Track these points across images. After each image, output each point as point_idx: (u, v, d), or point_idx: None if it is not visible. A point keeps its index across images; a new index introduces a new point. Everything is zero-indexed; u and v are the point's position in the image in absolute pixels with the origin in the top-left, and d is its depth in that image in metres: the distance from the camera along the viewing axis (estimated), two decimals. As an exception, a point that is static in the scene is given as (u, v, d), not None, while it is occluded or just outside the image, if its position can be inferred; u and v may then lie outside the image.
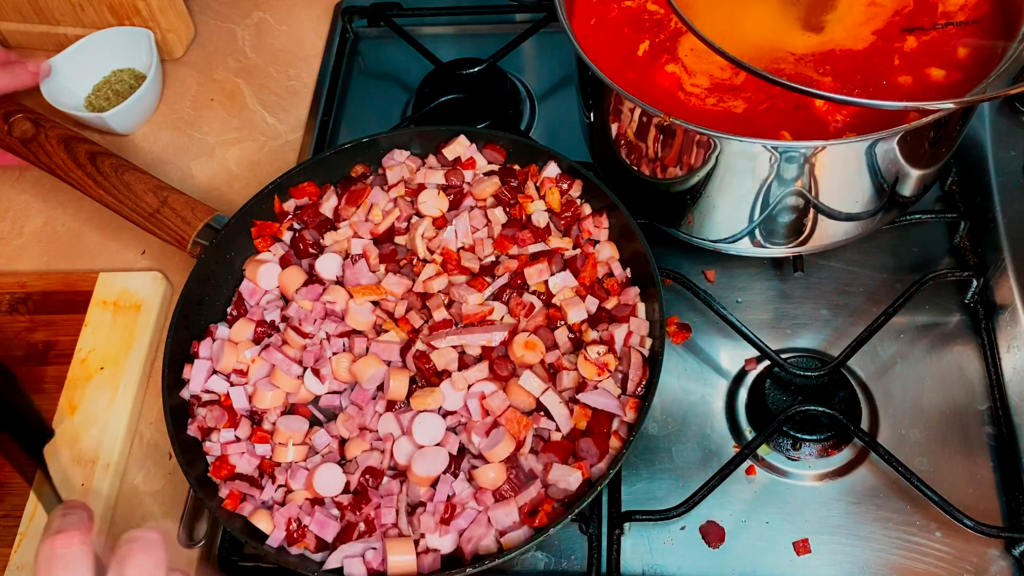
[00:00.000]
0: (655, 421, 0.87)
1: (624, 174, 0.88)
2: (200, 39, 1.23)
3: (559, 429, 0.77)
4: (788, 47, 0.83)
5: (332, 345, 0.83)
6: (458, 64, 1.11)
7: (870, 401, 0.86)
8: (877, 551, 0.79)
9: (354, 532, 0.74)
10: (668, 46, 0.85)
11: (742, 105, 0.81)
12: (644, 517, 0.79)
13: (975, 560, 0.78)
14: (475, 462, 0.77)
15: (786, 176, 0.77)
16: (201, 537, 0.83)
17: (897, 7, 0.84)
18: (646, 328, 0.82)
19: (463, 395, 0.78)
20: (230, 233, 0.89)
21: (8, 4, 1.17)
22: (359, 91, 1.18)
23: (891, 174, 0.79)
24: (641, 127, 0.80)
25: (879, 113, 0.77)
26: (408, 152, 0.95)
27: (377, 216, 0.90)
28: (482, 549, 0.73)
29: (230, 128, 1.15)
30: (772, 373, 0.86)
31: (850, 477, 0.83)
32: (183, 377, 0.83)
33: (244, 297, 0.88)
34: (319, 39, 1.22)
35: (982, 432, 0.84)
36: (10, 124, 0.99)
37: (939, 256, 0.95)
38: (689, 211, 0.86)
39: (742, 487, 0.83)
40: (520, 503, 0.74)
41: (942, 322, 0.91)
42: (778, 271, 0.95)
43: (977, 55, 0.80)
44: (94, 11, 1.15)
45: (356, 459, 0.78)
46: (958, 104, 0.71)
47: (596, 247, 0.87)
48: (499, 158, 0.94)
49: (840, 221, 0.84)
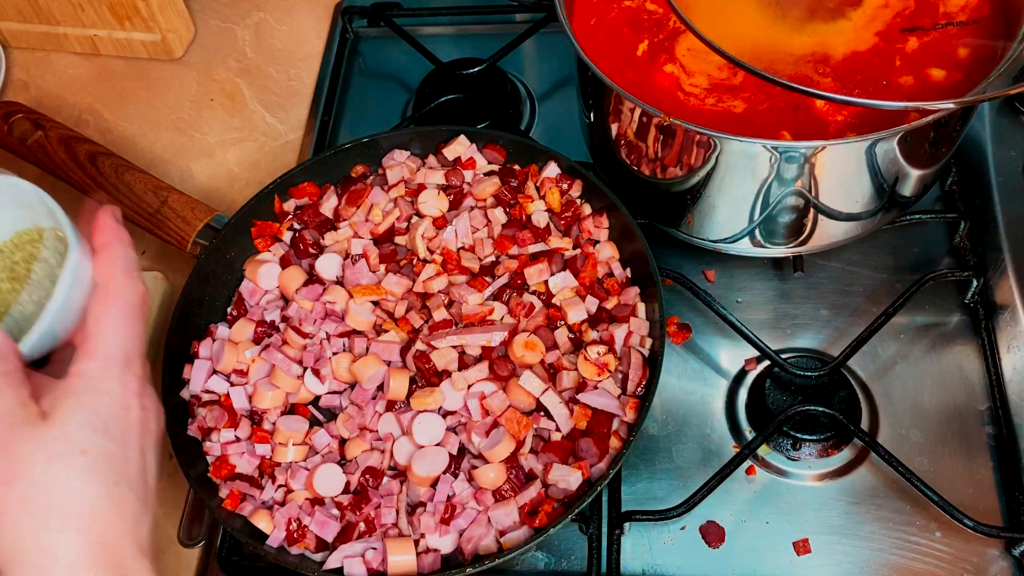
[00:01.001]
0: (655, 421, 0.87)
1: (624, 174, 0.88)
2: (200, 39, 1.23)
3: (559, 429, 0.77)
4: (788, 47, 0.83)
5: (332, 345, 0.83)
6: (458, 64, 1.11)
7: (870, 401, 0.86)
8: (877, 551, 0.79)
9: (354, 532, 0.74)
10: (666, 46, 0.85)
11: (742, 105, 0.81)
12: (644, 517, 0.79)
13: (975, 560, 0.78)
14: (475, 462, 0.77)
15: (786, 176, 0.77)
16: (201, 537, 0.83)
17: (898, 8, 0.84)
18: (646, 328, 0.82)
19: (463, 395, 0.78)
20: (230, 233, 0.89)
21: (8, 4, 1.17)
22: (359, 91, 1.18)
23: (891, 174, 0.79)
24: (641, 127, 0.80)
25: (879, 113, 0.77)
26: (408, 152, 0.95)
27: (377, 216, 0.90)
28: (482, 549, 0.73)
29: (230, 128, 1.15)
30: (772, 373, 0.86)
31: (850, 477, 0.83)
32: (183, 377, 0.83)
33: (244, 297, 0.88)
34: (319, 39, 1.22)
35: (982, 432, 0.84)
36: (10, 124, 0.99)
37: (939, 256, 0.95)
38: (689, 211, 0.86)
39: (742, 487, 0.83)
40: (520, 503, 0.74)
41: (942, 322, 0.91)
42: (778, 271, 0.95)
43: (977, 55, 0.80)
44: (94, 11, 1.15)
45: (356, 459, 0.78)
46: (958, 104, 0.71)
47: (596, 247, 0.87)
48: (499, 158, 0.94)
49: (840, 221, 0.84)
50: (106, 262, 0.61)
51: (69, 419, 0.55)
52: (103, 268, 0.61)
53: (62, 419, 0.55)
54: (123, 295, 0.61)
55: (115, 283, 0.61)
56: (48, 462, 0.54)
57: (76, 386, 0.57)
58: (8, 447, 0.54)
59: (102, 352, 0.59)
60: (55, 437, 0.55)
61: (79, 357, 0.59)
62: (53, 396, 0.57)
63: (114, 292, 0.60)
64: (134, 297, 0.61)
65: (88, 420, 0.56)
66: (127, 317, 0.60)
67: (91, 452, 0.55)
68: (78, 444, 0.55)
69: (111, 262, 0.61)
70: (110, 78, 1.20)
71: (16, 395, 0.56)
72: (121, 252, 0.62)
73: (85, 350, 0.59)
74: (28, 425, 0.55)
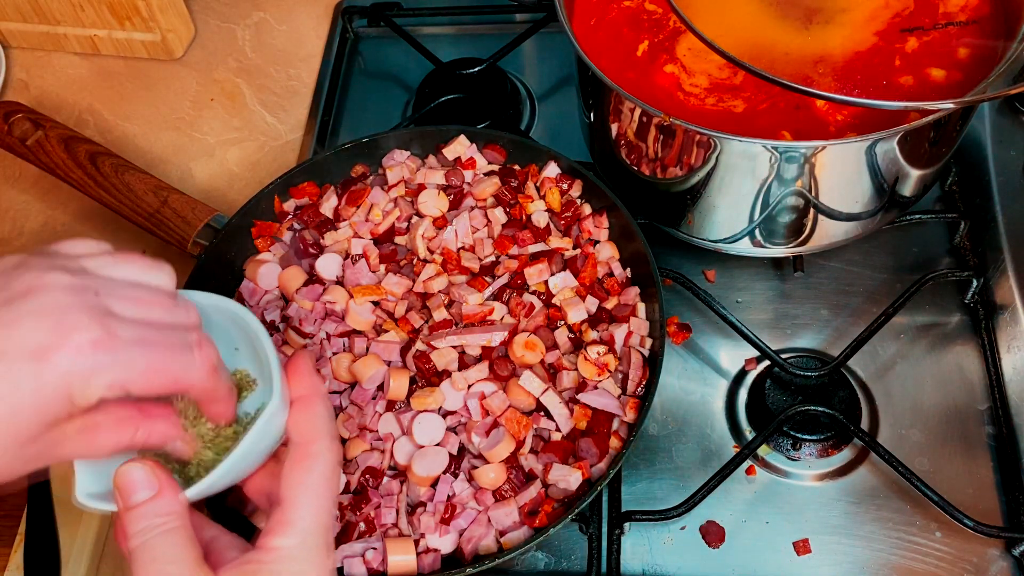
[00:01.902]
0: (655, 421, 0.87)
1: (624, 174, 0.88)
2: (200, 39, 1.23)
3: (559, 429, 0.77)
4: (788, 46, 0.83)
5: (332, 345, 0.83)
6: (458, 64, 1.11)
7: (870, 401, 0.86)
8: (877, 551, 0.79)
9: (354, 532, 0.74)
10: (666, 46, 0.85)
11: (742, 105, 0.81)
12: (644, 517, 0.79)
13: (975, 560, 0.78)
14: (475, 462, 0.77)
15: (786, 176, 0.77)
16: (201, 537, 0.83)
17: (898, 8, 0.84)
18: (646, 328, 0.82)
19: (463, 395, 0.78)
20: (230, 233, 0.89)
21: (8, 4, 1.17)
22: (359, 91, 1.18)
23: (891, 174, 0.79)
24: (641, 127, 0.80)
25: (879, 113, 0.77)
26: (408, 152, 0.95)
27: (377, 216, 0.90)
28: (482, 549, 0.73)
29: (230, 128, 1.15)
30: (772, 373, 0.86)
31: (850, 477, 0.83)
32: (183, 377, 0.83)
33: (244, 297, 0.88)
34: (319, 39, 1.22)
35: (982, 432, 0.84)
36: (10, 124, 0.99)
37: (939, 256, 0.95)
38: (689, 211, 0.86)
39: (742, 487, 0.83)
40: (520, 503, 0.74)
41: (942, 322, 0.91)
42: (778, 271, 0.95)
43: (977, 55, 0.80)
44: (94, 11, 1.15)
45: (356, 459, 0.77)
46: (958, 104, 0.71)
47: (596, 247, 0.87)
48: (499, 158, 0.94)
49: (840, 221, 0.84)
50: (308, 419, 0.55)
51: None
52: (304, 425, 0.55)
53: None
54: (325, 461, 0.54)
55: (316, 447, 0.54)
56: None
57: (271, 564, 0.51)
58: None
59: (300, 528, 0.52)
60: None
61: (274, 529, 0.52)
62: (241, 571, 0.51)
63: (314, 456, 0.54)
64: (334, 464, 0.55)
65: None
66: (327, 488, 0.53)
67: None
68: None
69: (313, 421, 0.55)
70: (110, 78, 1.20)
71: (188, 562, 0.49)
72: (324, 411, 0.56)
73: (281, 521, 0.52)
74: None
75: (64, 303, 0.46)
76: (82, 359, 0.46)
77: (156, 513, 0.50)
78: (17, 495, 0.87)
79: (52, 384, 0.45)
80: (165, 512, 0.50)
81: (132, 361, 0.47)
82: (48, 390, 0.45)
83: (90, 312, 0.47)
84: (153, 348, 0.48)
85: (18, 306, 0.46)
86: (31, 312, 0.46)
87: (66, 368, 0.45)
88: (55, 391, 0.45)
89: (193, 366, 0.50)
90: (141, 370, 0.48)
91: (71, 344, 0.46)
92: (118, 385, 0.47)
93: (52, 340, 0.45)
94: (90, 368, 0.46)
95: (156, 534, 0.50)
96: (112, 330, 0.47)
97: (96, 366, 0.46)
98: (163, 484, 0.51)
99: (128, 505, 0.51)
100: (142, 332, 0.48)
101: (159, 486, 0.51)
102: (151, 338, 0.49)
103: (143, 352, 0.48)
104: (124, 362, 0.47)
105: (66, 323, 0.46)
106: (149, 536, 0.50)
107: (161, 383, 0.49)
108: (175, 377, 0.50)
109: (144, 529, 0.50)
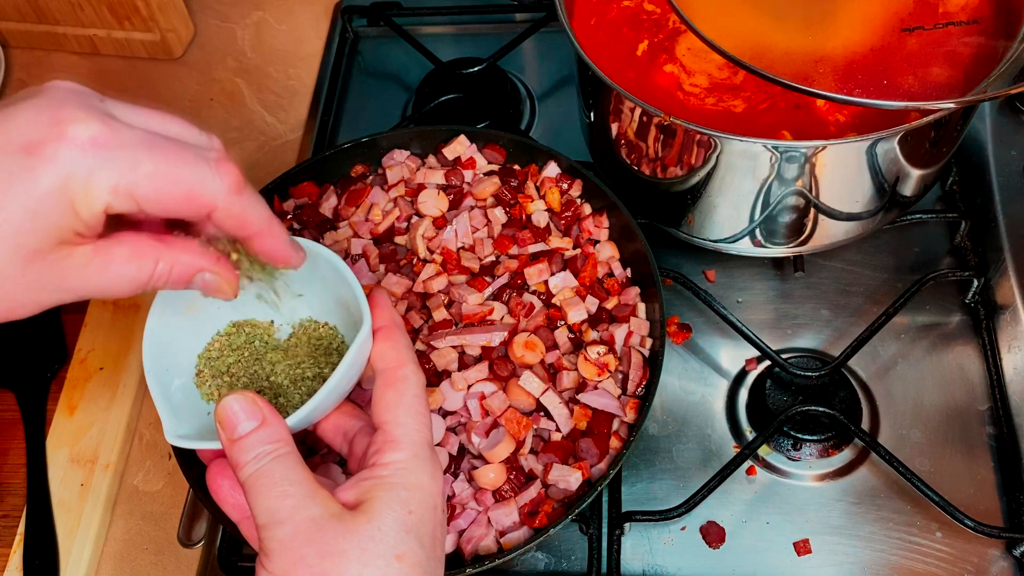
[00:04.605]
0: (655, 421, 0.87)
1: (624, 174, 0.88)
2: (200, 39, 1.23)
3: (559, 429, 0.77)
4: (788, 46, 0.82)
5: (332, 345, 0.83)
6: (458, 64, 1.11)
7: (870, 401, 0.86)
8: (877, 551, 0.79)
9: (354, 532, 0.74)
10: (666, 45, 0.85)
11: (742, 105, 0.81)
12: (644, 517, 0.79)
13: (975, 560, 0.78)
14: (475, 462, 0.77)
15: (786, 176, 0.77)
16: (201, 537, 0.83)
17: (898, 8, 0.84)
18: (646, 328, 0.82)
19: (463, 395, 0.78)
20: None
21: (8, 4, 1.17)
22: (359, 91, 1.18)
23: (892, 174, 0.79)
24: (641, 127, 0.80)
25: (880, 113, 0.77)
26: (408, 152, 0.95)
27: (377, 216, 0.90)
28: (482, 549, 0.73)
29: (230, 128, 1.15)
30: (772, 373, 0.86)
31: (851, 477, 0.83)
32: (183, 377, 0.83)
33: (244, 297, 0.88)
34: (319, 39, 1.22)
35: (983, 432, 0.84)
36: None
37: (940, 256, 0.95)
38: (689, 211, 0.86)
39: (742, 487, 0.83)
40: (520, 503, 0.74)
41: (943, 322, 0.90)
42: (778, 271, 0.95)
43: (977, 55, 0.80)
44: (93, 11, 1.15)
45: (356, 459, 0.77)
46: (959, 104, 0.71)
47: (596, 247, 0.87)
48: (499, 158, 0.94)
49: (840, 221, 0.84)
50: (392, 347, 0.56)
51: (385, 516, 0.49)
52: (389, 353, 0.56)
53: (378, 515, 0.49)
54: (415, 383, 0.55)
55: (404, 370, 0.55)
56: (364, 564, 0.47)
57: (390, 478, 0.51)
58: (318, 540, 0.47)
59: (409, 442, 0.52)
60: (371, 536, 0.48)
61: (383, 448, 0.52)
62: (360, 488, 0.51)
63: (403, 379, 0.55)
64: (423, 386, 0.56)
65: (402, 520, 0.49)
66: (422, 405, 0.55)
67: (406, 558, 0.49)
68: (394, 547, 0.48)
69: (398, 348, 0.56)
70: (109, 78, 1.20)
71: (307, 482, 0.49)
72: (404, 339, 0.57)
73: (388, 440, 0.52)
74: (336, 519, 0.48)
75: (63, 99, 0.43)
76: (80, 155, 0.42)
77: (266, 440, 0.49)
78: (17, 495, 0.87)
79: (48, 184, 0.42)
80: (274, 439, 0.50)
81: (137, 161, 0.43)
82: (43, 189, 0.42)
83: (89, 109, 0.43)
84: (161, 151, 0.44)
85: (17, 104, 0.43)
86: (28, 108, 0.43)
87: (62, 164, 0.42)
88: (51, 193, 0.42)
89: (210, 176, 0.46)
90: (148, 172, 0.43)
91: (66, 138, 0.42)
92: (123, 190, 0.43)
93: (46, 133, 0.42)
94: (88, 167, 0.42)
95: (270, 459, 0.49)
96: (114, 128, 0.43)
97: (95, 165, 0.42)
98: (267, 414, 0.50)
99: (233, 437, 0.50)
100: (150, 137, 0.45)
101: (262, 416, 0.50)
102: (159, 143, 0.45)
103: (150, 154, 0.44)
104: (128, 160, 0.43)
105: (62, 116, 0.43)
106: (263, 463, 0.49)
107: (173, 194, 0.45)
108: (189, 187, 0.45)
109: (257, 456, 0.49)
